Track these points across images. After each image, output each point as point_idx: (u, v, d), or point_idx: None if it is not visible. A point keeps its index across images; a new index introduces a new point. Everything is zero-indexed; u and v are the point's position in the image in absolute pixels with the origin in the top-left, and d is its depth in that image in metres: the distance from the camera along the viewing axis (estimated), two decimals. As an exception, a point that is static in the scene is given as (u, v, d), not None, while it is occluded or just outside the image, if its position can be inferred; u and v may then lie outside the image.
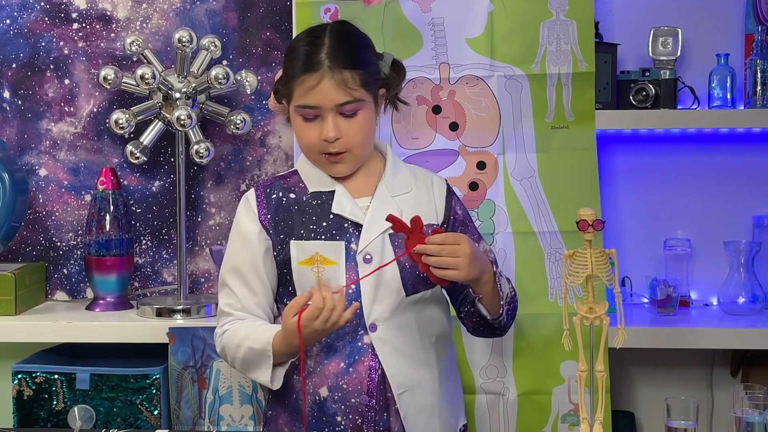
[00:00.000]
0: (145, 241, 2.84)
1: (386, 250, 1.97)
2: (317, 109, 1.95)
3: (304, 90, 1.95)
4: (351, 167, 2.02)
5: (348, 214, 1.99)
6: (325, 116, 1.96)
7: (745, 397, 1.92)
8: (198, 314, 2.62)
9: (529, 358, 2.53)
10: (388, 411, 1.99)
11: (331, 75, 1.93)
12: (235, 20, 2.80)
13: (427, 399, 2.02)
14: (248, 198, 2.06)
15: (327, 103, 1.94)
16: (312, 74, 1.93)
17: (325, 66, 1.93)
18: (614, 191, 2.81)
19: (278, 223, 2.02)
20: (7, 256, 2.82)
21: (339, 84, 1.93)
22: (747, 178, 2.80)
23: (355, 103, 1.96)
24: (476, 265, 1.91)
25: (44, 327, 2.58)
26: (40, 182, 2.84)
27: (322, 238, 1.99)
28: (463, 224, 2.09)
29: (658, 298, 2.67)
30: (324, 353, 1.99)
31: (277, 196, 2.04)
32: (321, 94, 1.94)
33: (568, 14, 2.53)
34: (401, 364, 1.99)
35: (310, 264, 1.98)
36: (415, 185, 2.06)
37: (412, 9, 2.54)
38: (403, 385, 1.99)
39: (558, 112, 2.55)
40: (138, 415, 2.49)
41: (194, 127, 2.64)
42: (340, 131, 1.96)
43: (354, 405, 1.97)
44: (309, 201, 2.02)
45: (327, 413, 1.98)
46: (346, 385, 1.97)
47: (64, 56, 2.82)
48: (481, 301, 2.00)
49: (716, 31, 2.78)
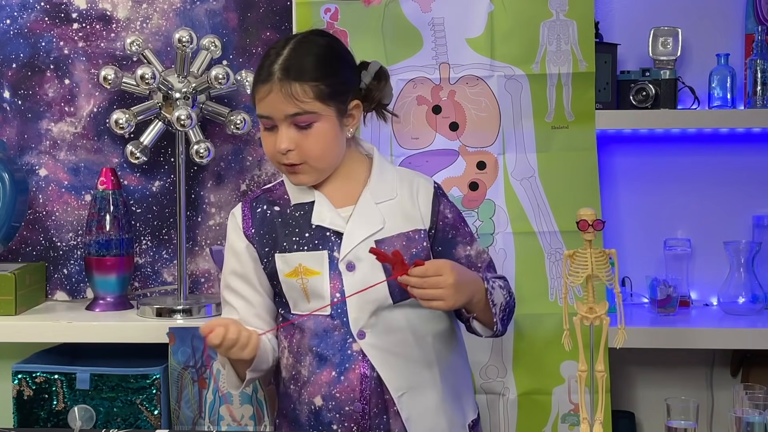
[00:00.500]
0: (145, 241, 2.84)
1: (371, 257, 1.94)
2: (270, 119, 1.96)
3: (258, 100, 1.97)
4: (313, 178, 2.01)
5: (328, 223, 1.99)
6: (279, 127, 1.96)
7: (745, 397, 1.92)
8: (198, 314, 2.62)
9: (529, 358, 2.53)
10: (387, 414, 1.98)
11: (280, 87, 1.93)
12: (235, 20, 2.80)
13: (430, 399, 2.01)
14: (234, 214, 2.08)
15: (277, 114, 1.95)
16: (264, 85, 1.95)
17: (275, 77, 1.93)
18: (614, 191, 2.81)
19: (263, 237, 2.03)
20: (7, 256, 2.82)
21: (287, 96, 1.93)
22: (747, 178, 2.80)
23: (306, 115, 1.94)
24: (462, 293, 1.90)
25: (44, 327, 2.58)
26: (40, 182, 2.84)
27: (305, 249, 1.99)
28: (453, 228, 2.06)
29: (658, 298, 2.67)
30: (316, 362, 1.99)
31: (262, 210, 2.05)
32: (270, 105, 1.95)
33: (568, 14, 2.54)
34: (396, 367, 1.98)
35: (295, 276, 1.99)
36: (401, 191, 2.04)
37: (412, 9, 2.54)
38: (401, 387, 1.98)
39: (558, 112, 2.55)
40: (138, 415, 2.49)
41: (194, 127, 2.64)
42: (293, 143, 1.95)
43: (348, 413, 1.96)
44: (292, 213, 2.02)
45: (323, 422, 1.98)
46: (338, 394, 1.96)
47: (64, 56, 2.82)
48: (476, 317, 2.01)
49: (716, 31, 2.78)
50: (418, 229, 2.00)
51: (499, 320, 2.01)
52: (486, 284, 1.98)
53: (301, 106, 1.93)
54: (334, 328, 1.98)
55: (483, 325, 2.03)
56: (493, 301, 1.98)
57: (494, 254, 2.54)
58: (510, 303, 2.05)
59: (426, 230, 2.02)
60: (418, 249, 1.99)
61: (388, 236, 1.99)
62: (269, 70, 1.95)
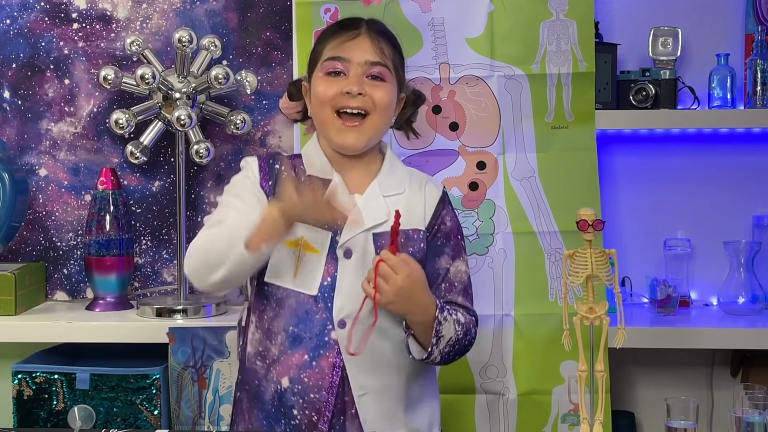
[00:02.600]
0: (145, 241, 2.84)
1: (368, 248, 1.94)
2: (346, 62, 1.95)
3: (337, 44, 1.97)
4: (362, 140, 1.98)
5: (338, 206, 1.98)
6: (352, 72, 1.95)
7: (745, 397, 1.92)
8: (198, 314, 2.62)
9: (529, 358, 2.53)
10: (345, 414, 1.94)
11: (368, 35, 1.97)
12: (235, 20, 2.80)
13: (391, 404, 1.97)
14: (249, 162, 2.03)
15: (357, 57, 1.95)
16: (349, 31, 1.97)
17: (364, 28, 1.98)
18: (614, 191, 2.81)
19: (275, 195, 1.96)
20: (7, 256, 2.82)
21: (374, 44, 1.97)
22: (747, 178, 2.80)
23: (384, 68, 1.97)
24: (403, 303, 1.87)
25: (44, 327, 2.58)
26: (40, 182, 2.84)
27: (310, 224, 1.92)
28: (445, 236, 2.02)
29: (658, 298, 2.67)
30: (289, 342, 1.94)
31: (278, 169, 2.00)
32: (355, 48, 1.96)
33: (568, 14, 2.54)
34: (364, 365, 1.93)
35: (294, 246, 1.94)
36: (409, 187, 2.03)
37: (412, 9, 2.54)
38: (364, 387, 1.94)
39: (558, 112, 2.55)
40: (138, 415, 2.49)
41: (194, 127, 2.64)
42: (364, 90, 1.95)
43: (312, 401, 1.92)
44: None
45: (285, 404, 1.94)
46: (306, 379, 1.93)
47: (64, 56, 2.82)
48: (414, 336, 1.93)
49: (716, 31, 2.78)
50: (418, 230, 1.99)
51: (439, 351, 1.92)
52: (440, 314, 1.91)
53: (384, 59, 1.97)
54: (316, 311, 1.94)
55: (419, 346, 1.94)
56: (439, 333, 1.90)
57: (494, 254, 2.55)
58: (461, 341, 1.95)
59: (424, 231, 2.01)
60: (415, 249, 1.97)
61: (388, 230, 1.97)
62: (356, 23, 1.98)
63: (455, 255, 2.02)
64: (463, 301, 2.00)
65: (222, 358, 2.45)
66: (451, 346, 1.94)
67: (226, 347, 2.45)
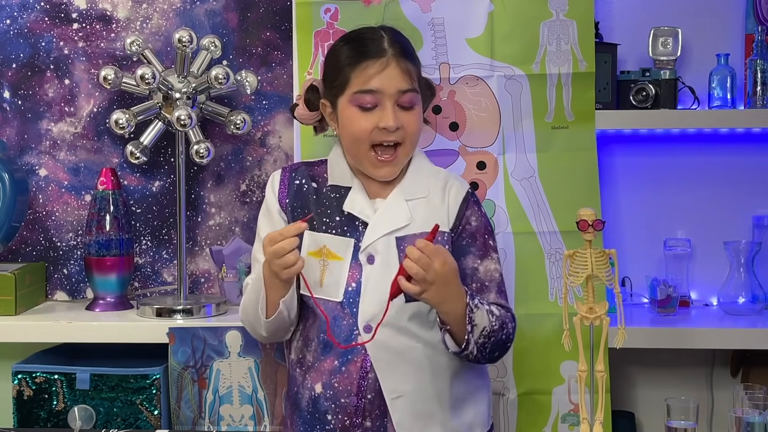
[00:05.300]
0: (145, 241, 2.84)
1: (391, 252, 1.96)
2: (378, 95, 1.96)
3: (367, 76, 1.96)
4: (396, 171, 2.02)
5: (357, 212, 2.00)
6: (384, 104, 1.96)
7: (745, 397, 1.93)
8: (198, 314, 2.61)
9: (529, 358, 2.53)
10: (379, 418, 1.95)
11: (396, 62, 1.96)
12: (235, 20, 2.80)
13: (427, 406, 1.98)
14: (273, 177, 2.10)
15: (389, 89, 1.95)
16: (377, 60, 1.96)
17: (390, 54, 1.97)
18: (614, 191, 2.81)
19: (295, 209, 2.04)
20: (7, 256, 2.82)
21: (404, 72, 1.96)
22: (747, 178, 2.80)
23: (414, 93, 1.98)
24: (440, 293, 1.85)
25: (44, 327, 2.58)
26: (40, 182, 2.84)
27: (332, 233, 2.00)
28: (471, 236, 2.03)
29: (658, 298, 2.67)
30: (321, 349, 1.99)
31: (300, 182, 2.06)
32: (386, 80, 1.95)
33: (568, 14, 2.54)
34: (395, 369, 1.96)
35: (317, 256, 1.98)
36: (433, 190, 2.05)
37: (412, 9, 2.54)
38: (396, 390, 1.95)
39: (558, 112, 2.55)
40: (138, 415, 2.49)
41: (194, 127, 2.64)
42: (399, 121, 1.96)
43: (343, 405, 1.96)
44: (327, 193, 2.03)
45: (320, 410, 1.98)
46: (337, 384, 1.96)
47: (64, 56, 2.82)
48: (450, 331, 1.93)
49: (716, 31, 2.78)
50: (442, 232, 2.00)
51: (474, 341, 1.91)
52: (471, 300, 1.90)
53: (413, 84, 1.98)
54: (343, 317, 1.97)
55: (454, 341, 1.94)
56: (472, 320, 1.90)
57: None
58: (497, 334, 1.94)
59: (449, 233, 2.02)
60: None
61: (410, 233, 1.99)
62: (379, 47, 1.97)
63: (483, 254, 2.03)
64: (496, 298, 2.01)
65: (222, 358, 2.46)
66: (486, 337, 1.92)
67: (226, 347, 2.45)
